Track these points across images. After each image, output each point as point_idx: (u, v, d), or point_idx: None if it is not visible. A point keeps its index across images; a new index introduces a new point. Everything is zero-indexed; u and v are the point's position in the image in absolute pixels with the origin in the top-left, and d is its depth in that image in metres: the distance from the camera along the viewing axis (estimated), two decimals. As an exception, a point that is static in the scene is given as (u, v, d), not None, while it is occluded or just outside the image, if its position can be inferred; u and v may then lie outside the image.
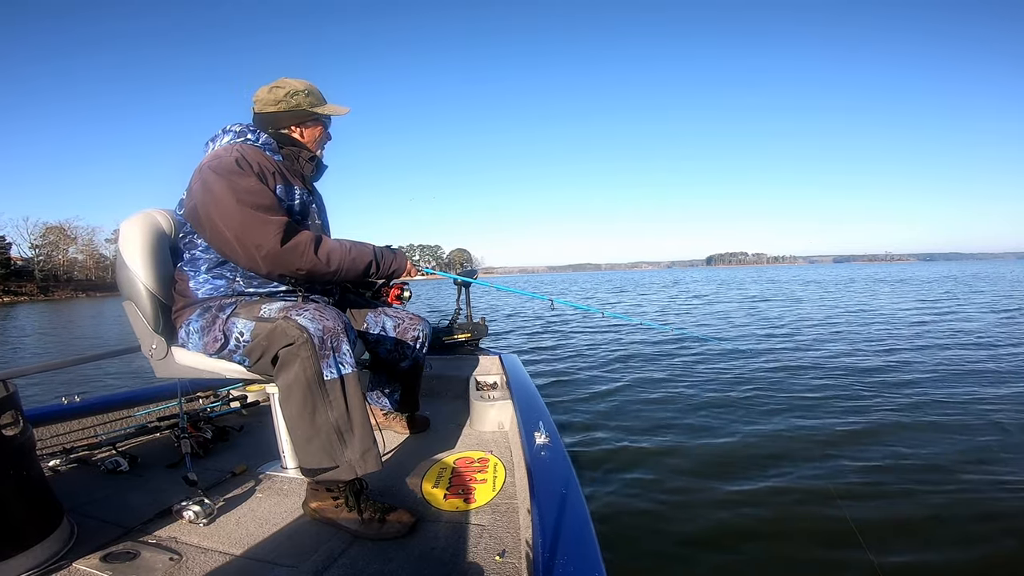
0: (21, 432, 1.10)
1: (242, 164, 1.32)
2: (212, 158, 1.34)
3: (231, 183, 1.27)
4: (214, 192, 1.27)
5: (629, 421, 3.62)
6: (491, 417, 1.90)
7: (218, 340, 1.33)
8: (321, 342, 1.21)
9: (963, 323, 8.01)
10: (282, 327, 1.23)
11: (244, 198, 1.26)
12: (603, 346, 6.90)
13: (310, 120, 1.50)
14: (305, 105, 1.47)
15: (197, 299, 1.41)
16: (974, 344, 6.09)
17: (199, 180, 1.31)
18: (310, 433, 1.22)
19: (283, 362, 1.23)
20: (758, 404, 3.85)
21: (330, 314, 1.26)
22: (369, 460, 1.24)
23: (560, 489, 1.04)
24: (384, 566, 1.09)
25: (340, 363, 1.23)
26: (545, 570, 0.77)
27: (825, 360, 5.41)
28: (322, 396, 1.21)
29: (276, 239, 1.26)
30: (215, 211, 1.27)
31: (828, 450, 2.92)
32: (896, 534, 2.09)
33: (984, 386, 4.12)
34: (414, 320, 1.75)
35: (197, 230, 1.36)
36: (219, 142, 1.44)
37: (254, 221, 1.26)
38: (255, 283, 1.42)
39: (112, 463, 1.62)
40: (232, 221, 1.26)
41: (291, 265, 1.30)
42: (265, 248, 1.26)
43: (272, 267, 1.30)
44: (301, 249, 1.30)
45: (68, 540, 1.15)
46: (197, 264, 1.41)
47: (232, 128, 1.46)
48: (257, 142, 1.44)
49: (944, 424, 3.29)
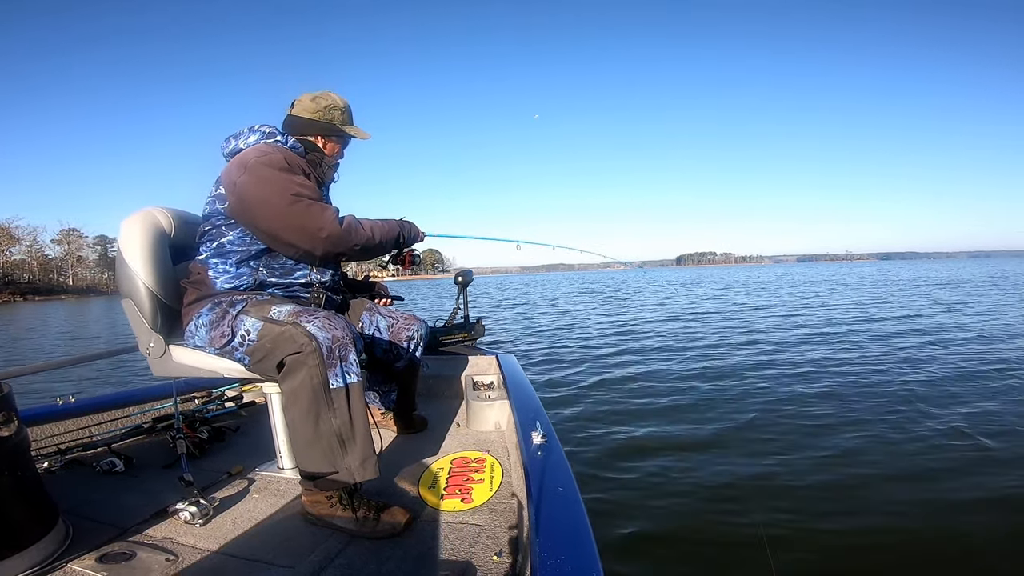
0: (15, 432, 1.09)
1: (290, 162, 1.41)
2: (260, 154, 1.38)
3: (288, 178, 1.36)
4: (271, 185, 1.34)
5: (629, 421, 3.63)
6: (488, 417, 1.90)
7: (225, 335, 1.35)
8: (329, 351, 1.22)
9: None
10: (291, 333, 1.23)
11: (301, 191, 1.36)
12: (603, 346, 6.91)
13: (335, 136, 1.58)
14: (337, 122, 1.56)
15: (214, 291, 1.41)
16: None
17: (251, 175, 1.34)
18: (312, 438, 1.23)
19: (289, 368, 1.23)
20: (763, 403, 3.87)
21: (339, 323, 1.28)
22: (368, 468, 1.25)
23: (557, 488, 1.04)
24: (380, 566, 1.09)
25: (347, 372, 1.24)
26: (542, 570, 0.77)
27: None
28: (327, 404, 1.22)
29: (335, 222, 1.38)
30: (274, 203, 1.33)
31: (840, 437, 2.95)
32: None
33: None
34: (409, 320, 1.75)
35: (244, 221, 1.39)
36: (245, 140, 1.47)
37: (313, 209, 1.36)
38: (278, 273, 1.46)
39: (107, 464, 1.61)
40: (292, 211, 1.34)
41: (350, 242, 1.42)
42: (327, 230, 1.36)
43: (334, 247, 1.40)
44: (354, 227, 1.43)
45: (64, 541, 1.14)
46: (225, 255, 1.42)
47: (261, 128, 1.49)
48: (286, 144, 1.49)
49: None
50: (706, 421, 3.54)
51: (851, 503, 2.36)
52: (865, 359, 5.41)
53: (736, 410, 3.74)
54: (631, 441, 3.21)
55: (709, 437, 3.23)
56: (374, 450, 1.27)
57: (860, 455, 2.86)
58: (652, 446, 3.11)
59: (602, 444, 3.17)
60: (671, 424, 3.51)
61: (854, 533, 2.13)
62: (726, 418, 3.57)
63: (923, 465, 2.70)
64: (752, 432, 3.29)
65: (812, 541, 2.08)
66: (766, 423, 3.45)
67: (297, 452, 1.27)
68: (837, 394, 4.08)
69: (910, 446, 2.96)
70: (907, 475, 2.61)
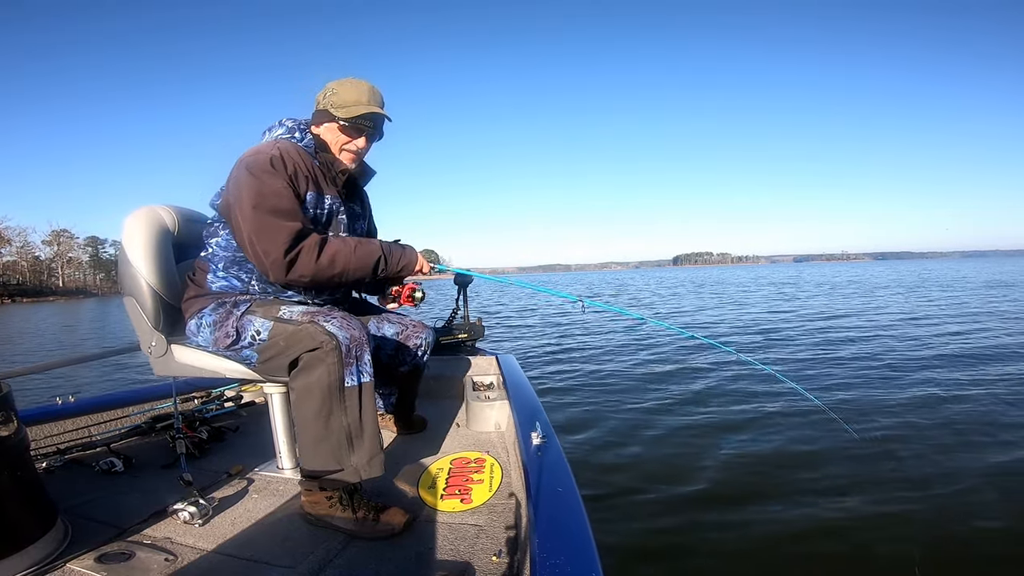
0: (14, 432, 1.09)
1: (276, 163, 1.31)
2: (253, 153, 1.34)
3: (259, 182, 1.27)
4: (241, 190, 1.28)
5: (629, 421, 3.63)
6: (488, 417, 1.90)
7: (230, 336, 1.33)
8: (347, 350, 1.22)
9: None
10: (309, 331, 1.23)
11: (263, 201, 1.26)
12: (604, 343, 6.91)
13: (327, 119, 1.41)
14: (326, 105, 1.40)
15: (210, 292, 1.40)
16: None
17: (235, 174, 1.32)
18: (321, 436, 1.23)
19: (305, 365, 1.23)
20: (767, 407, 3.87)
21: (356, 324, 1.28)
22: (375, 466, 1.25)
23: (557, 489, 1.04)
24: (380, 566, 1.09)
25: (361, 372, 1.25)
26: (542, 570, 0.77)
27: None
28: (339, 402, 1.22)
29: (282, 248, 1.26)
30: (238, 209, 1.28)
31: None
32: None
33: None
34: (417, 328, 1.73)
35: (229, 223, 1.36)
36: (273, 133, 1.44)
37: (266, 226, 1.26)
38: (270, 288, 1.42)
39: (107, 463, 1.60)
40: (248, 223, 1.27)
41: (295, 273, 1.29)
42: (272, 256, 1.26)
43: (277, 275, 1.29)
44: (304, 258, 1.28)
45: (62, 541, 1.14)
46: (215, 258, 1.41)
47: (286, 122, 1.46)
48: (301, 141, 1.43)
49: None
50: (702, 416, 3.54)
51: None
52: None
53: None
54: (635, 445, 3.21)
55: (714, 428, 3.23)
56: (381, 448, 1.28)
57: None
58: (656, 449, 3.11)
59: (601, 445, 3.18)
60: (671, 421, 3.52)
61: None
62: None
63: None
64: (764, 441, 3.29)
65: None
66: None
67: (303, 449, 1.26)
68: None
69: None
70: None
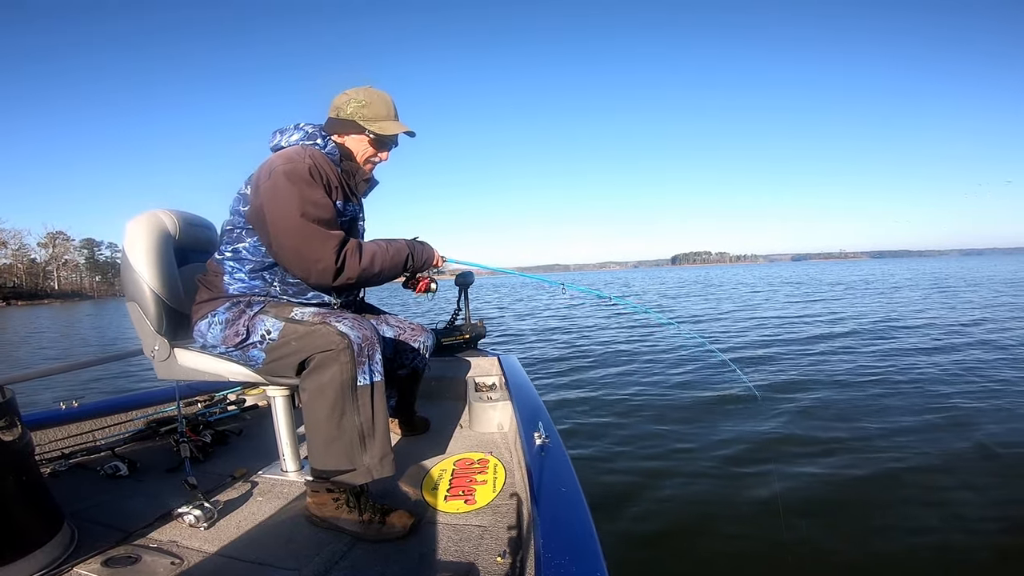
0: (19, 437, 1.10)
1: (314, 174, 1.32)
2: (286, 160, 1.31)
3: (301, 193, 1.28)
4: (283, 199, 1.27)
5: (629, 421, 3.63)
6: (491, 418, 1.90)
7: (240, 334, 1.33)
8: (360, 349, 1.24)
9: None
10: (322, 332, 1.24)
11: (309, 211, 1.28)
12: (603, 343, 6.91)
13: (355, 131, 1.45)
14: (356, 117, 1.43)
15: (226, 295, 1.39)
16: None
17: (271, 182, 1.29)
18: (334, 435, 1.23)
19: (318, 365, 1.24)
20: (774, 403, 3.87)
21: (367, 324, 1.29)
22: (386, 465, 1.26)
23: (560, 489, 1.04)
24: (385, 568, 1.09)
25: (373, 371, 1.26)
26: (546, 571, 0.78)
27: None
28: (352, 401, 1.23)
29: (333, 255, 1.29)
30: (281, 219, 1.27)
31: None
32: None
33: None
34: (416, 330, 1.74)
35: (257, 230, 1.35)
36: (287, 137, 1.43)
37: (316, 235, 1.28)
38: (291, 291, 1.42)
39: (111, 467, 1.61)
40: (295, 232, 1.27)
41: (343, 277, 1.32)
42: (323, 263, 1.28)
43: (325, 279, 1.31)
44: (352, 261, 1.32)
45: (69, 545, 1.15)
46: (240, 262, 1.39)
47: (304, 127, 1.44)
48: (324, 148, 1.43)
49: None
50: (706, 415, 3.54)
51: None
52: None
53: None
54: (636, 445, 3.21)
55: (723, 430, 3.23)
56: (391, 448, 1.28)
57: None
58: (657, 449, 3.11)
59: (604, 445, 3.18)
60: (672, 420, 3.52)
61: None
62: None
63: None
64: (770, 437, 3.29)
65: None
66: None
67: (315, 450, 1.26)
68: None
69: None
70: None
